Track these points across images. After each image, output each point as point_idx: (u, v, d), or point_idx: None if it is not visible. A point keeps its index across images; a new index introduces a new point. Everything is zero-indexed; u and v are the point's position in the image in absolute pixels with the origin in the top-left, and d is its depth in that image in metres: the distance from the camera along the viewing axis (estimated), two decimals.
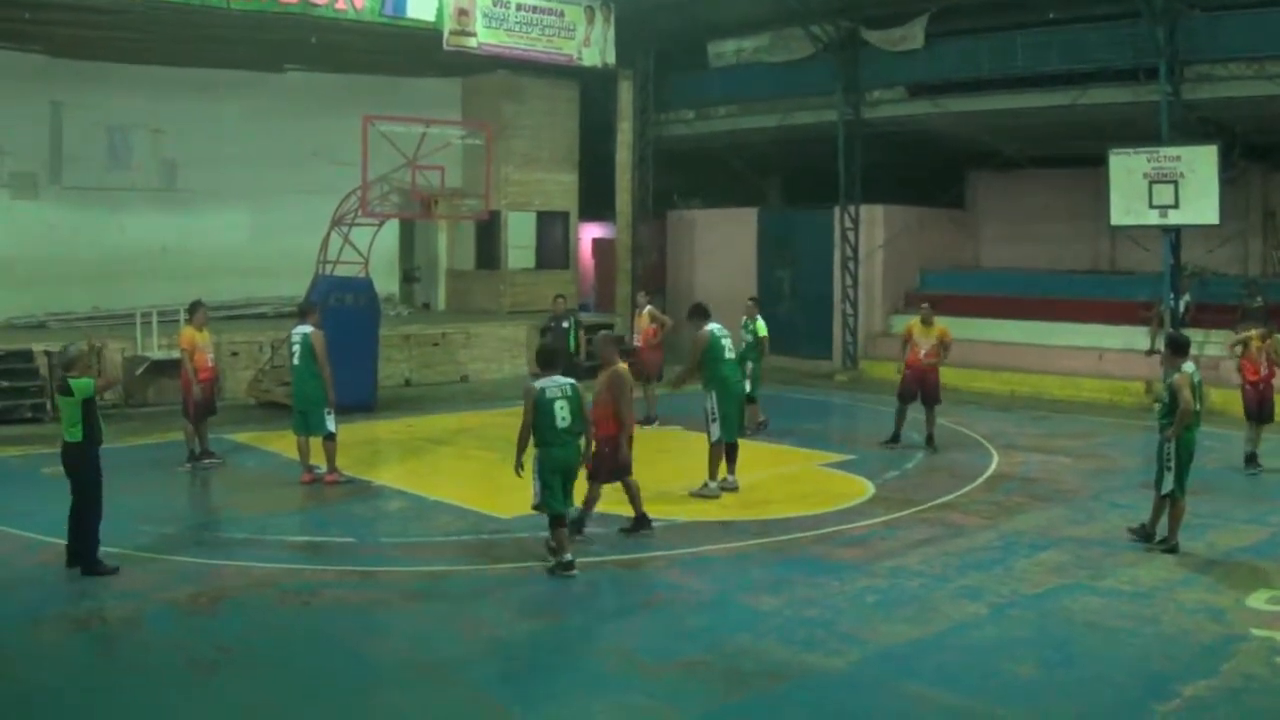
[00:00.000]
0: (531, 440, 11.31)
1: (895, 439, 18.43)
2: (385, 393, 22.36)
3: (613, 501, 12.76)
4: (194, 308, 16.91)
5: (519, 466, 11.36)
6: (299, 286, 22.17)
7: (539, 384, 11.35)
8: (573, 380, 11.57)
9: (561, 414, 11.22)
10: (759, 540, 12.69)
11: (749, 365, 18.71)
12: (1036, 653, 9.31)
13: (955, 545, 12.53)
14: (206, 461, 16.41)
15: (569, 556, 11.24)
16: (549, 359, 11.77)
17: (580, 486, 11.99)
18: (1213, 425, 20.71)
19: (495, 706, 8.42)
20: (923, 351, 18.31)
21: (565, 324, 21.35)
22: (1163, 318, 23.03)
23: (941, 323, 18.53)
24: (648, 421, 19.42)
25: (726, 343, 15.09)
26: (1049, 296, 27.37)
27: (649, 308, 21.52)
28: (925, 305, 19.37)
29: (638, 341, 21.40)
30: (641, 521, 12.75)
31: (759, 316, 19.40)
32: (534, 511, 11.58)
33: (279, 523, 13.49)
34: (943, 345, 18.32)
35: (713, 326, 15.00)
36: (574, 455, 11.49)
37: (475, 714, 8.43)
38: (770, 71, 29.15)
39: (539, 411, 11.19)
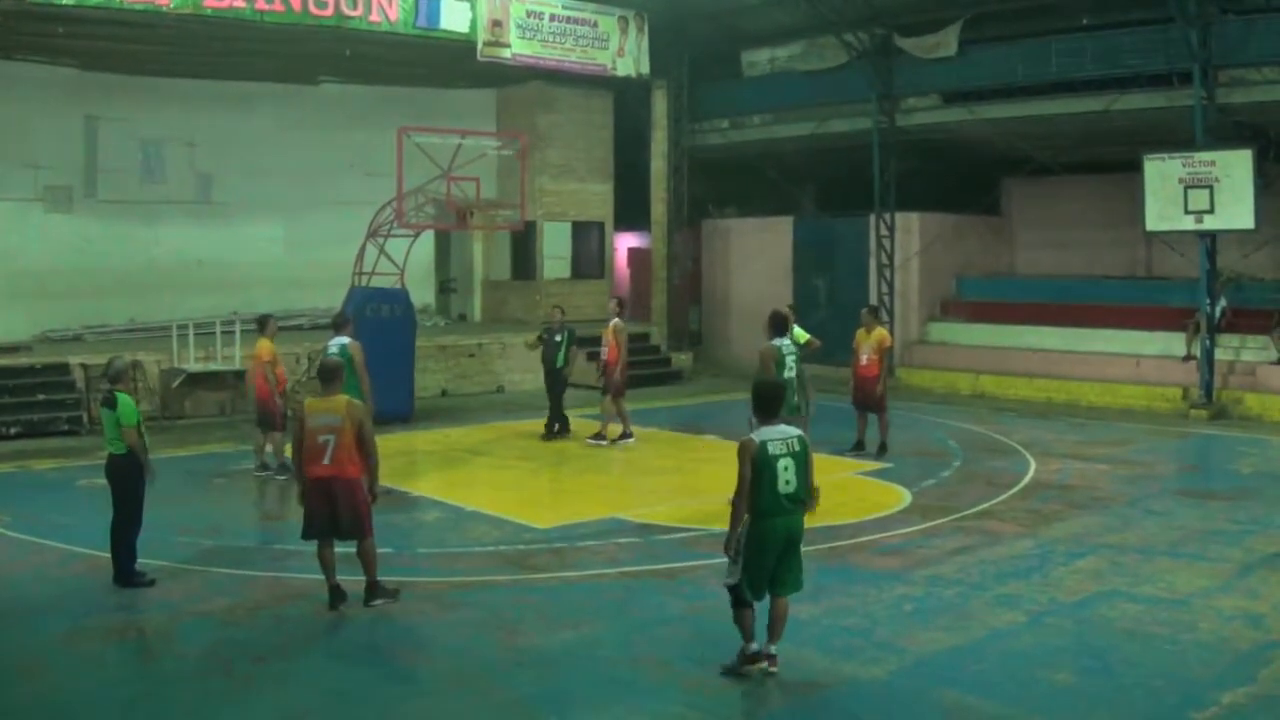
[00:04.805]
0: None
1: (857, 445, 18.42)
2: (422, 403, 22.39)
3: (644, 514, 12.71)
4: (264, 321, 16.93)
5: (733, 545, 8.78)
6: (334, 298, 22.27)
7: (760, 436, 8.75)
8: (800, 432, 9.03)
9: (785, 475, 8.71)
10: None
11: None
12: (1074, 660, 9.26)
13: (992, 553, 12.49)
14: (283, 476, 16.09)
15: (755, 646, 8.93)
16: (770, 403, 9.04)
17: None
18: (1248, 431, 20.75)
19: (532, 716, 8.40)
20: (863, 359, 18.20)
21: (558, 337, 20.02)
22: (1199, 324, 22.89)
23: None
24: (624, 436, 19.33)
25: (790, 359, 14.70)
26: (1085, 303, 27.23)
27: (615, 320, 19.81)
28: (865, 309, 19.25)
29: (605, 355, 19.65)
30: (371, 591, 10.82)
31: (795, 325, 19.15)
32: (724, 588, 9.10)
33: None
34: (881, 351, 18.21)
35: (780, 342, 14.63)
36: (797, 527, 8.94)
37: None
38: (804, 80, 29.12)
39: (759, 471, 8.66)
